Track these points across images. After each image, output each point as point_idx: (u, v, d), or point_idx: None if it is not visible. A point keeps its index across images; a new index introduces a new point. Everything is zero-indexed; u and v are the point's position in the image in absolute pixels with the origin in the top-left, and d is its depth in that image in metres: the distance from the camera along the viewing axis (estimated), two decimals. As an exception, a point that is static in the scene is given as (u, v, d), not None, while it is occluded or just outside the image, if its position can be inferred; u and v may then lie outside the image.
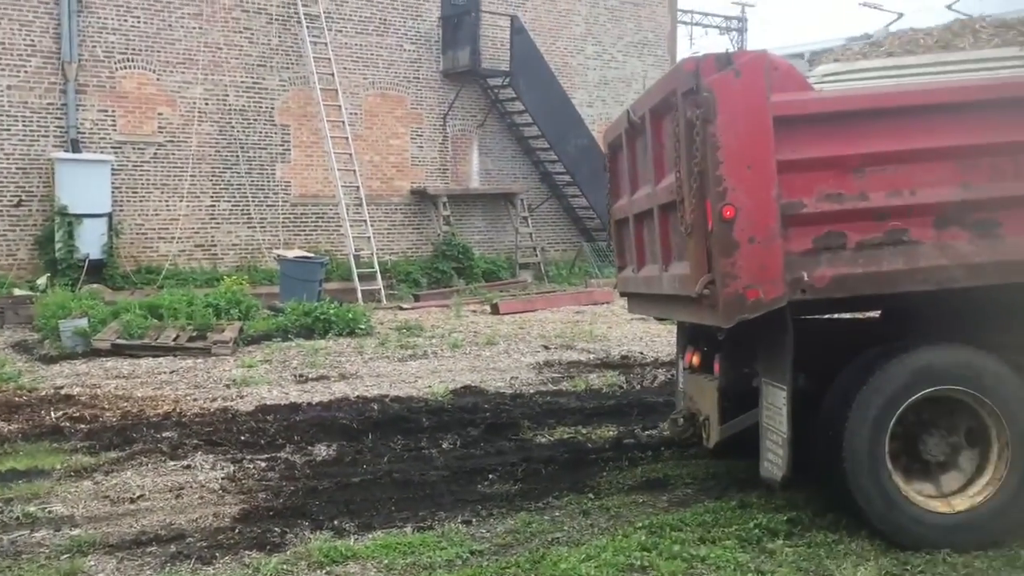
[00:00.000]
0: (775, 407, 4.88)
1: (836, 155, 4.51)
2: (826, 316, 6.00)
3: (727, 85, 4.40)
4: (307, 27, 18.48)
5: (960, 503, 4.74)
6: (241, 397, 8.94)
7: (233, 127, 18.10)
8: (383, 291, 17.73)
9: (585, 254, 22.47)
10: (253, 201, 18.31)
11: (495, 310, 15.58)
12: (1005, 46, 4.81)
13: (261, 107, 18.45)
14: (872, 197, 4.53)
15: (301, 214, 18.98)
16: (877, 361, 4.78)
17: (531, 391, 9.12)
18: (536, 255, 21.56)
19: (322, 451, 7.00)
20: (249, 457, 6.83)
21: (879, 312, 5.94)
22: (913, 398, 4.68)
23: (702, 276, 4.52)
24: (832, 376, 4.99)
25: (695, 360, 5.91)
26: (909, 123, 4.52)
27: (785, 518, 5.10)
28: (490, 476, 6.26)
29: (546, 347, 11.95)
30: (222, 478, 6.32)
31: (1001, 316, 5.47)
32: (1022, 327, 5.41)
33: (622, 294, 6.80)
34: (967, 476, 4.83)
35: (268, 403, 8.60)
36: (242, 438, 7.33)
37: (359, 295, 17.18)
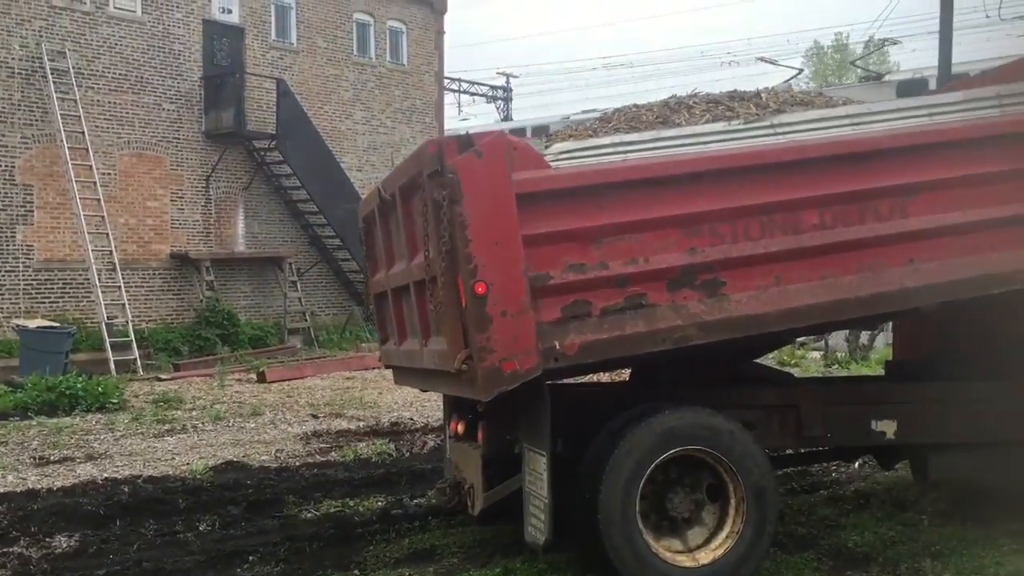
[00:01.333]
0: (536, 473, 5.01)
1: (576, 228, 4.74)
2: (582, 382, 6.27)
3: (470, 166, 4.54)
4: (54, 83, 17.40)
5: (704, 557, 5.05)
6: (-31, 486, 8.08)
7: (-34, 186, 16.62)
8: (139, 361, 16.71)
9: (356, 318, 22.28)
10: (-11, 266, 16.81)
11: (262, 378, 15.08)
12: (715, 121, 5.26)
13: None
14: (612, 265, 4.79)
15: (46, 280, 17.61)
16: (627, 425, 5.04)
17: (298, 463, 8.85)
18: (306, 320, 21.14)
19: (62, 542, 6.42)
20: (-25, 555, 6.16)
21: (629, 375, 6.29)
22: (659, 459, 4.96)
23: (459, 352, 4.60)
24: (588, 441, 5.20)
25: (460, 428, 5.96)
26: (636, 195, 4.84)
27: (547, 582, 5.21)
28: (250, 558, 5.98)
29: (315, 416, 11.68)
30: (-59, 581, 5.66)
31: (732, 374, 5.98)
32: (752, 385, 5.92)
33: (387, 366, 6.79)
34: (710, 530, 5.15)
35: (1, 491, 7.81)
36: (-32, 533, 6.61)
37: (112, 366, 16.10)
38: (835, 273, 5.07)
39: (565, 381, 6.45)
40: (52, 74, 17.42)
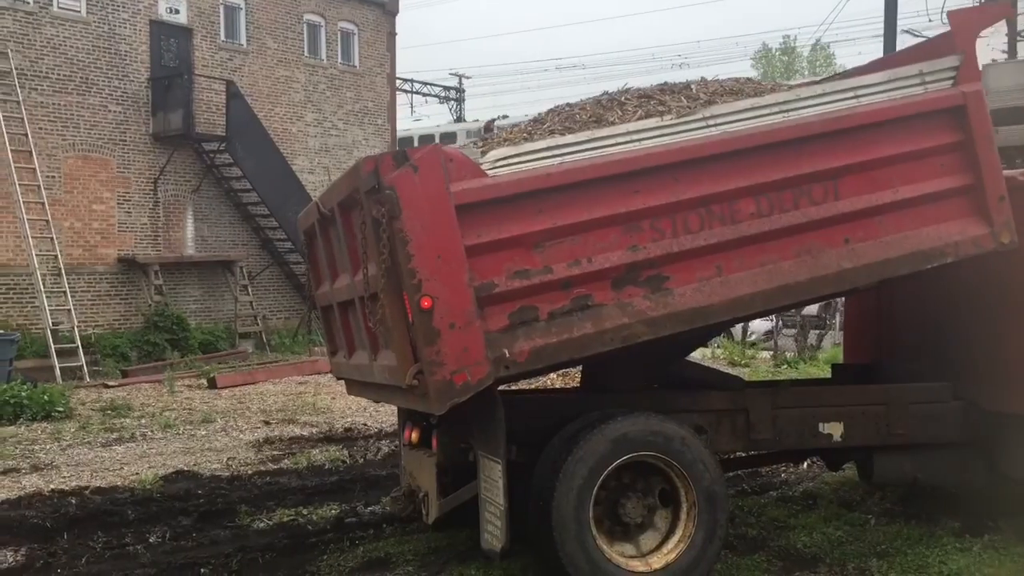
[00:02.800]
0: (492, 479, 5.03)
1: (517, 234, 4.74)
2: (535, 389, 6.29)
3: (407, 181, 4.52)
4: (-4, 83, 17.00)
5: (656, 561, 5.10)
6: (-91, 500, 7.87)
7: (-96, 189, 16.18)
8: (86, 368, 16.39)
9: (308, 321, 22.08)
10: (-71, 272, 16.39)
11: (212, 384, 14.89)
12: (647, 117, 5.24)
13: (-60, 168, 16.66)
14: (555, 269, 4.80)
15: (-12, 285, 17.21)
16: (580, 432, 5.07)
17: (250, 472, 8.76)
18: (257, 324, 20.91)
19: (8, 557, 6.29)
20: (-84, 572, 6.02)
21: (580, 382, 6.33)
22: (612, 465, 5.01)
23: (409, 367, 4.58)
24: (541, 448, 5.23)
25: (414, 436, 5.96)
26: (574, 198, 4.85)
27: (502, 589, 5.23)
28: (202, 571, 5.91)
29: (267, 422, 11.57)
30: None
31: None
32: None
33: (338, 378, 6.73)
34: (662, 535, 5.21)
35: (-57, 505, 7.63)
36: (-92, 549, 6.45)
37: (57, 373, 15.78)
38: (775, 259, 5.15)
39: (519, 387, 6.48)
40: (-7, 75, 17.04)
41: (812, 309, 19.30)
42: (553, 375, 11.65)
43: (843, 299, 9.88)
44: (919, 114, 5.49)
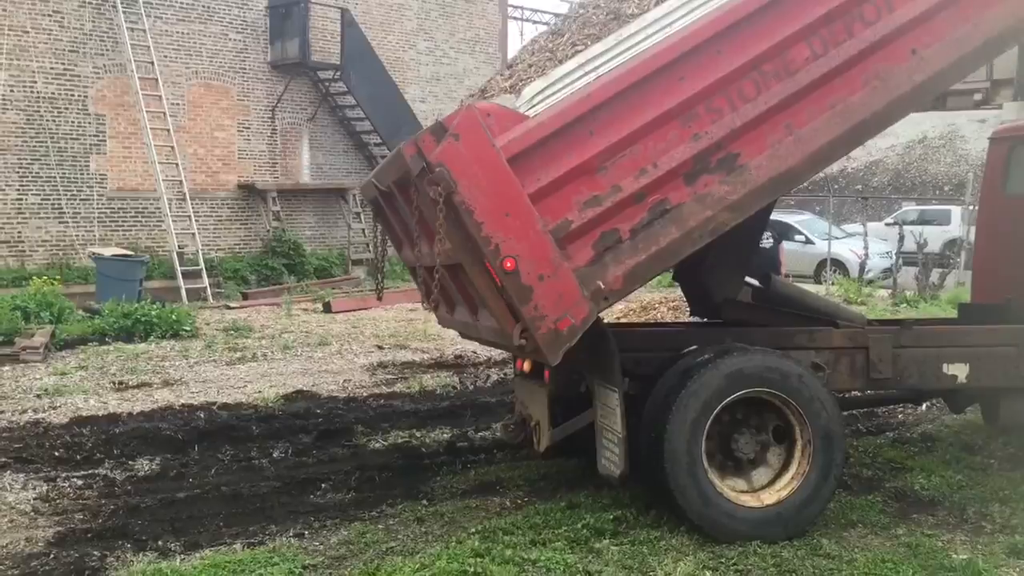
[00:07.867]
0: (609, 407, 5.06)
1: (576, 164, 4.62)
2: (646, 323, 6.26)
3: (453, 152, 4.41)
4: (123, 12, 17.53)
5: (768, 497, 5.07)
6: (54, 408, 8.44)
7: (42, 116, 16.96)
8: (209, 289, 17.12)
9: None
10: (65, 195, 17.24)
11: (327, 308, 15.35)
12: (663, 1, 4.97)
13: (73, 95, 17.38)
14: (624, 185, 4.67)
15: (119, 208, 18.02)
16: (695, 366, 5.04)
17: (365, 394, 9.06)
18: (369, 251, 21.34)
19: (144, 465, 6.72)
20: (64, 475, 6.48)
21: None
22: (727, 400, 4.97)
23: (513, 327, 4.58)
24: (654, 381, 5.23)
25: (526, 366, 6.01)
26: (621, 108, 4.67)
27: (611, 517, 5.30)
28: (323, 485, 6.19)
29: (380, 347, 11.89)
30: (34, 499, 5.97)
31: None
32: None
33: (446, 327, 6.77)
34: (775, 471, 5.17)
35: (84, 414, 8.16)
36: (56, 454, 6.94)
37: (183, 294, 16.53)
38: (843, 97, 4.94)
39: (630, 321, 6.45)
40: (122, 3, 17.56)
41: (935, 246, 18.54)
42: (664, 309, 11.62)
43: (972, 236, 9.42)
44: None
